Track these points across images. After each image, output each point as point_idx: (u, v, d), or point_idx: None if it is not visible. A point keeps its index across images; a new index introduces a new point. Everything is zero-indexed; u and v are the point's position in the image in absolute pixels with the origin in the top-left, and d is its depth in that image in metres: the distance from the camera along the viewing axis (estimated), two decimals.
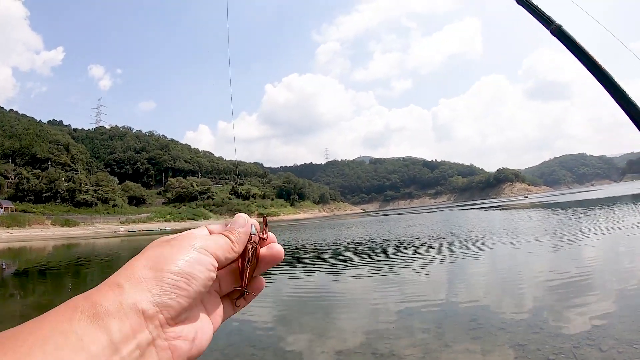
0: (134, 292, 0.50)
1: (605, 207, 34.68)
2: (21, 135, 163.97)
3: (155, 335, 0.50)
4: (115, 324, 0.47)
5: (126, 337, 0.47)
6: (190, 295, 0.55)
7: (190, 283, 0.55)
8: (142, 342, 0.49)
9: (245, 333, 7.50)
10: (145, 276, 0.53)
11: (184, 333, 0.54)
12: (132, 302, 0.49)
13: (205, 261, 0.58)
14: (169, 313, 0.52)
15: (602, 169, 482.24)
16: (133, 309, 0.49)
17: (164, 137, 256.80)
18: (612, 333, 5.74)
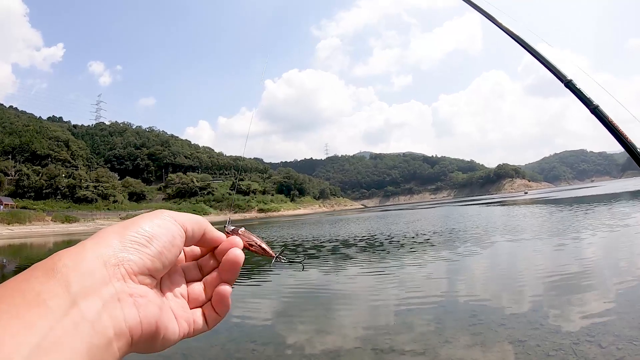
0: (97, 247, 0.50)
1: (605, 203, 34.66)
2: (21, 131, 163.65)
3: (119, 288, 0.49)
4: (75, 277, 0.46)
5: (86, 289, 0.46)
6: (151, 253, 0.54)
7: (151, 242, 0.55)
8: (105, 294, 0.48)
9: (245, 328, 7.52)
10: (109, 236, 0.53)
11: (149, 295, 0.53)
12: (93, 255, 0.49)
13: (170, 227, 0.59)
14: (131, 267, 0.51)
15: (602, 165, 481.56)
16: (95, 261, 0.49)
17: (164, 133, 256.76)
18: (612, 329, 5.75)
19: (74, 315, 0.44)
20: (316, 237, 27.12)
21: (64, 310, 0.43)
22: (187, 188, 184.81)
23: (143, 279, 0.53)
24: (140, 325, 0.50)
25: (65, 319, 0.43)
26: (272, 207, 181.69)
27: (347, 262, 14.79)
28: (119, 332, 0.47)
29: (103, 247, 0.50)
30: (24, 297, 0.43)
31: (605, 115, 2.52)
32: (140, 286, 0.52)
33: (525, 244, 15.02)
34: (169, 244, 0.57)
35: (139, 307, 0.50)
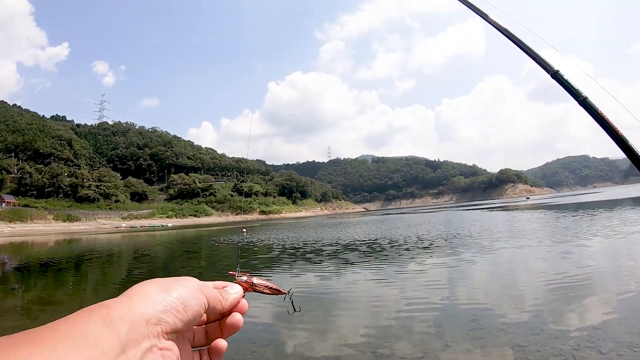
0: (142, 305, 0.62)
1: (607, 209, 34.62)
2: (24, 130, 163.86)
3: (153, 343, 0.61)
4: (125, 328, 0.57)
5: (132, 340, 0.58)
6: (183, 319, 0.67)
7: (185, 310, 0.67)
8: (144, 347, 0.59)
9: (245, 331, 7.51)
10: (152, 295, 0.65)
11: (173, 349, 0.65)
12: (140, 312, 0.61)
13: (199, 298, 0.72)
14: (165, 328, 0.63)
15: (604, 171, 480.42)
16: (140, 318, 0.60)
17: (167, 134, 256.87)
18: (612, 335, 5.75)
19: (123, 358, 0.55)
20: (317, 240, 27.09)
21: (116, 354, 0.55)
22: (189, 189, 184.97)
23: (170, 337, 0.64)
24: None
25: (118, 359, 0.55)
26: (273, 209, 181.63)
27: (348, 265, 14.77)
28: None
29: (148, 306, 0.62)
30: (85, 338, 0.53)
31: (594, 107, 2.50)
32: (168, 342, 0.64)
33: (527, 249, 15.01)
34: (197, 314, 0.70)
35: (164, 357, 0.62)
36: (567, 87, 2.64)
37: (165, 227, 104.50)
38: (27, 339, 0.52)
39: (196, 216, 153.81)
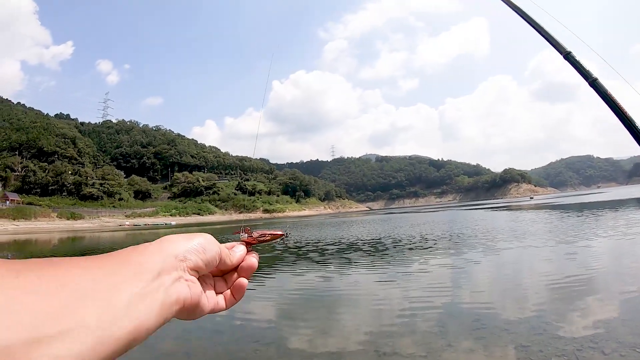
0: (170, 246, 0.73)
1: (612, 210, 34.51)
2: (28, 128, 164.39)
3: (180, 274, 0.71)
4: (159, 259, 0.69)
5: (165, 269, 0.68)
6: (203, 259, 0.78)
7: (205, 252, 0.78)
8: (174, 276, 0.70)
9: (248, 329, 7.53)
10: (178, 241, 0.76)
11: (196, 282, 0.76)
12: (169, 250, 0.72)
13: (214, 245, 0.83)
14: (189, 264, 0.74)
15: (608, 171, 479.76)
16: (170, 254, 0.72)
17: (171, 132, 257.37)
18: (615, 336, 5.74)
19: (158, 282, 0.65)
20: (320, 239, 27.09)
21: (154, 276, 0.65)
22: (192, 187, 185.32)
23: (193, 273, 0.75)
24: (190, 298, 0.72)
25: (154, 281, 0.65)
26: (277, 208, 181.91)
27: (351, 264, 14.76)
28: (177, 300, 0.69)
29: (175, 247, 0.73)
30: (129, 261, 0.65)
31: (604, 88, 2.55)
32: (192, 276, 0.75)
33: (531, 249, 14.96)
34: (214, 259, 0.81)
35: (190, 287, 0.72)
36: (578, 68, 2.70)
37: (169, 225, 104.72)
38: (75, 260, 0.61)
39: (199, 214, 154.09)
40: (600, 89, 2.55)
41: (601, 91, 2.54)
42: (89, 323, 0.52)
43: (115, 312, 0.57)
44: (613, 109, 2.49)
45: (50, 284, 0.53)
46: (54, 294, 0.52)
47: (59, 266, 0.57)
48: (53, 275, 0.54)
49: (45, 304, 0.50)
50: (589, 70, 2.65)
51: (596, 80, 2.58)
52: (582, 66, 2.70)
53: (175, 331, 7.65)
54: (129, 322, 0.58)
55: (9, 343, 0.45)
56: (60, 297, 0.52)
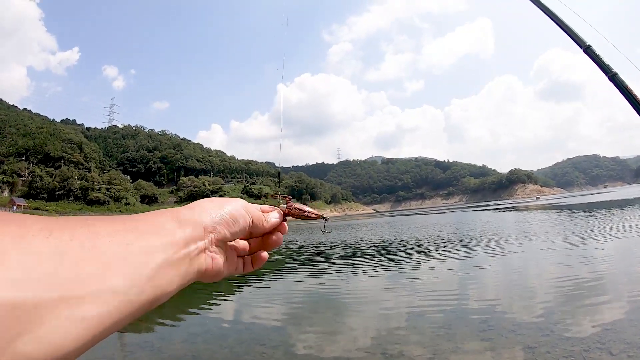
0: (201, 214, 0.74)
1: (619, 209, 34.32)
2: (35, 133, 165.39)
3: (207, 246, 0.73)
4: (189, 228, 0.70)
5: (193, 238, 0.70)
6: (231, 231, 0.79)
7: (234, 224, 0.79)
8: (200, 246, 0.71)
9: (255, 332, 7.54)
10: (209, 209, 0.77)
11: (220, 256, 0.77)
12: (199, 219, 0.73)
13: (245, 216, 0.84)
14: (217, 236, 0.75)
15: (615, 170, 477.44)
16: (199, 223, 0.72)
17: (177, 136, 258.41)
18: (623, 337, 5.71)
19: (185, 250, 0.67)
20: (326, 242, 27.10)
21: (182, 245, 0.67)
22: (198, 191, 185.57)
23: (220, 243, 0.77)
24: (212, 269, 0.74)
25: (182, 250, 0.66)
26: None
27: (358, 266, 14.76)
28: (199, 270, 0.71)
29: (206, 216, 0.74)
30: (161, 228, 0.66)
31: (624, 83, 2.53)
32: (217, 248, 0.76)
33: (538, 250, 14.90)
34: (243, 229, 0.82)
35: (213, 259, 0.74)
36: (598, 62, 2.71)
37: None
38: (109, 221, 0.62)
39: None
40: (621, 84, 2.52)
41: (621, 86, 2.51)
42: (117, 287, 0.54)
43: (143, 278, 0.58)
44: (633, 104, 2.46)
45: (82, 246, 0.54)
46: (86, 257, 0.53)
47: (92, 227, 0.58)
48: (85, 237, 0.55)
49: (77, 266, 0.51)
50: (609, 65, 2.64)
51: (616, 75, 2.56)
52: (602, 60, 2.69)
53: (181, 334, 7.69)
54: (154, 288, 0.60)
55: (38, 300, 0.46)
56: (91, 260, 0.53)
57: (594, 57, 2.71)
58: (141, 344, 7.15)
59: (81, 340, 0.50)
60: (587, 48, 2.73)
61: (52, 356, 0.47)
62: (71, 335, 0.49)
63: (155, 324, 8.43)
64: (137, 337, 7.71)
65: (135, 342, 7.24)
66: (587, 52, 2.68)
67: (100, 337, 0.54)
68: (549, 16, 3.22)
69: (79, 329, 0.50)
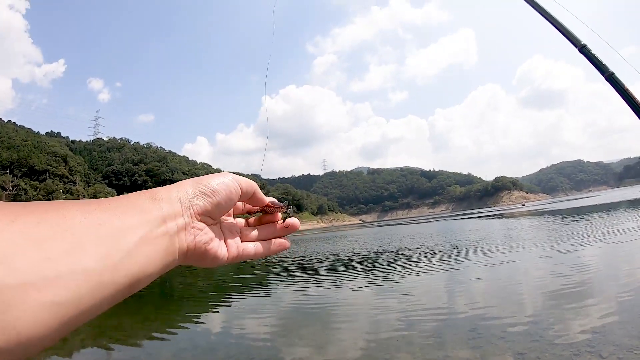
0: (178, 191, 0.73)
1: (604, 213, 34.64)
2: (19, 146, 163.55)
3: (187, 221, 0.72)
4: (166, 206, 0.69)
5: (171, 215, 0.69)
6: (212, 202, 0.77)
7: (214, 194, 0.76)
8: (180, 223, 0.70)
9: (244, 345, 7.48)
10: (187, 185, 0.76)
11: (204, 230, 0.75)
12: (176, 195, 0.72)
13: (228, 184, 0.81)
14: (197, 209, 0.74)
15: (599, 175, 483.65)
16: (176, 199, 0.71)
17: (162, 149, 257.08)
18: (612, 339, 5.73)
19: (163, 227, 0.66)
20: (314, 254, 27.09)
21: (160, 222, 0.66)
22: None
23: (204, 219, 0.75)
24: (194, 245, 0.72)
25: (159, 227, 0.65)
26: None
27: (346, 277, 14.74)
28: (181, 247, 0.69)
29: (182, 192, 0.73)
30: (137, 207, 0.65)
31: (621, 83, 2.52)
32: (200, 222, 0.74)
33: (524, 256, 14.99)
34: (227, 197, 0.79)
35: (195, 235, 0.72)
36: (594, 62, 2.70)
37: None
38: (79, 203, 0.60)
39: None
40: (617, 84, 2.52)
41: (618, 86, 2.51)
42: (90, 268, 0.52)
43: (117, 258, 0.56)
44: (630, 104, 2.45)
45: (51, 229, 0.52)
46: (55, 239, 0.51)
47: (62, 209, 0.56)
48: (55, 220, 0.53)
49: (44, 248, 0.49)
50: (605, 64, 2.62)
51: (613, 75, 2.55)
52: (598, 60, 2.68)
53: (170, 349, 7.60)
54: (131, 267, 0.58)
55: (2, 286, 0.44)
56: (60, 241, 0.51)
57: (589, 56, 2.71)
58: None
59: (53, 326, 0.48)
60: (583, 47, 2.72)
61: (20, 344, 0.45)
62: (41, 321, 0.46)
63: (144, 338, 8.34)
64: (124, 352, 7.60)
65: (123, 357, 7.13)
66: (583, 52, 2.68)
67: (76, 323, 0.51)
68: (543, 15, 3.21)
69: (50, 313, 0.47)
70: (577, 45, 2.80)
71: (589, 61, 2.65)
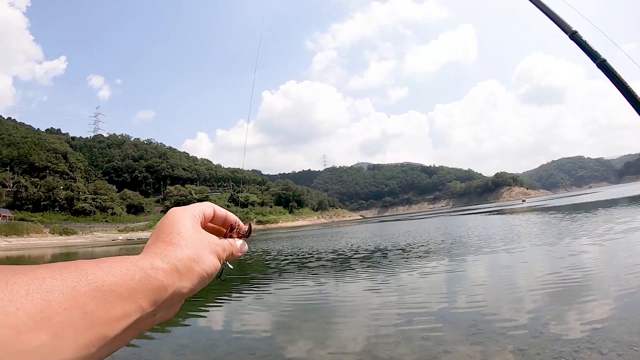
0: (183, 281, 0.68)
1: (604, 209, 34.64)
2: (19, 143, 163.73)
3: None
4: (164, 297, 0.64)
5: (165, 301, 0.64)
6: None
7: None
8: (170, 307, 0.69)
9: (244, 341, 7.48)
10: (192, 269, 0.70)
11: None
12: (180, 286, 0.67)
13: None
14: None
15: (599, 171, 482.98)
16: (179, 292, 0.66)
17: (162, 145, 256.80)
18: (612, 336, 5.74)
19: (152, 318, 0.65)
20: (314, 250, 27.12)
21: (151, 312, 0.62)
22: (185, 200, 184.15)
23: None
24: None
25: (148, 316, 0.63)
26: (270, 219, 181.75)
27: (346, 273, 14.77)
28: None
29: (185, 282, 0.69)
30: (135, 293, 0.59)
31: (613, 70, 2.49)
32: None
33: (524, 252, 14.99)
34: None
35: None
36: (585, 49, 2.67)
37: None
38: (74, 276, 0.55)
39: None
40: (609, 70, 2.49)
41: (610, 72, 2.48)
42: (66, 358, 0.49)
43: (98, 345, 0.53)
44: (622, 91, 2.42)
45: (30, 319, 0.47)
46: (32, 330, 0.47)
47: (44, 290, 0.51)
48: (36, 306, 0.48)
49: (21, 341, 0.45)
50: (597, 51, 2.59)
51: (605, 62, 2.52)
52: (589, 46, 2.65)
53: (170, 346, 7.60)
54: (110, 349, 0.56)
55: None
56: (39, 334, 0.47)
57: (580, 43, 2.69)
58: (128, 356, 7.04)
59: None
60: (573, 34, 2.70)
61: None
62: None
63: (143, 335, 8.33)
64: (124, 349, 7.60)
65: (122, 355, 7.14)
66: (574, 38, 2.63)
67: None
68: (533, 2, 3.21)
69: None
70: (568, 32, 2.77)
71: (581, 48, 2.60)
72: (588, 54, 2.59)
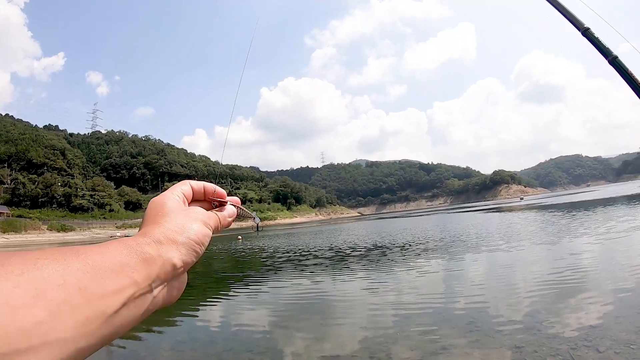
0: (169, 250, 0.69)
1: (602, 207, 34.70)
2: (17, 140, 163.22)
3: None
4: (155, 269, 0.65)
5: (160, 278, 0.66)
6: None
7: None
8: (165, 283, 0.68)
9: (242, 338, 7.50)
10: (176, 240, 0.71)
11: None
12: (168, 257, 0.68)
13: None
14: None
15: (597, 169, 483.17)
16: (168, 262, 0.67)
17: (160, 142, 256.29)
18: (609, 334, 5.75)
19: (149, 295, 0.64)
20: (312, 247, 27.13)
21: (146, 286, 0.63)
22: None
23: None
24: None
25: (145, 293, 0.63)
26: (268, 216, 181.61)
27: (344, 270, 14.78)
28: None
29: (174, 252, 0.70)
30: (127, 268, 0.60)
31: (624, 66, 2.48)
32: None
33: (522, 250, 15.01)
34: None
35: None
36: (597, 45, 2.67)
37: None
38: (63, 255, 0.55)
39: None
40: (621, 67, 2.48)
41: (622, 69, 2.47)
42: (65, 337, 0.49)
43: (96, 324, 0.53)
44: (634, 88, 2.41)
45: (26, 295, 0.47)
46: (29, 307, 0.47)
47: (40, 268, 0.51)
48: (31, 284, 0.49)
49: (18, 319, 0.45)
50: (609, 48, 2.58)
51: (617, 58, 2.51)
52: (601, 43, 2.64)
53: (169, 342, 7.61)
54: (108, 331, 0.56)
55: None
56: (35, 311, 0.47)
57: (592, 39, 2.68)
58: (127, 353, 7.05)
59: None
60: (586, 30, 2.68)
61: None
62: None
63: (142, 331, 8.33)
64: (123, 348, 7.60)
65: (121, 352, 7.14)
66: (586, 35, 2.72)
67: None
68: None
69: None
70: (580, 29, 2.76)
71: (592, 44, 2.68)
72: (600, 51, 2.65)
